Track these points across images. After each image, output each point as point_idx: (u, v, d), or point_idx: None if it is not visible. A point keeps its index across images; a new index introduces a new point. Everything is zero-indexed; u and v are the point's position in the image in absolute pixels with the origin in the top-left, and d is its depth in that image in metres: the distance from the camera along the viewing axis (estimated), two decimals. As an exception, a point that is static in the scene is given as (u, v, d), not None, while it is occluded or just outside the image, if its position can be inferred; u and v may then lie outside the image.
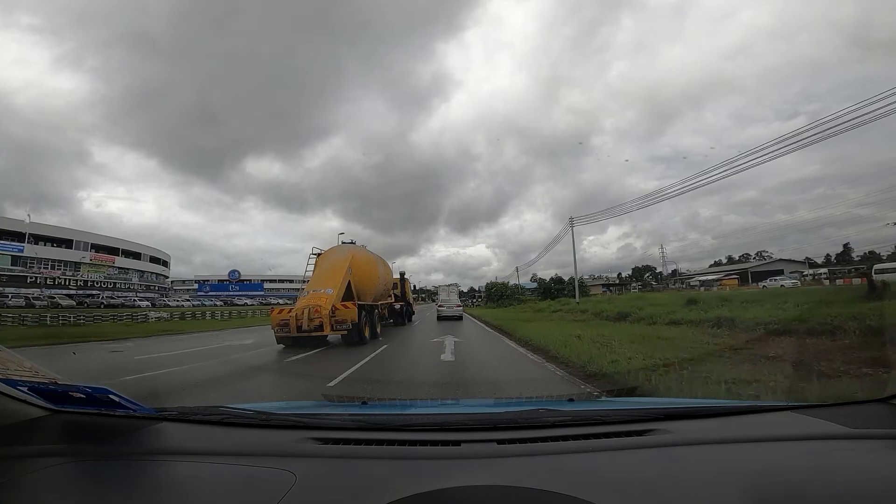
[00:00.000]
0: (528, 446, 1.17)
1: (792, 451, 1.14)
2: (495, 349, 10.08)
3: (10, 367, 1.33)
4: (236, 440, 1.27)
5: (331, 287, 11.05)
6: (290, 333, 10.07)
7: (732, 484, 0.94)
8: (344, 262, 12.11)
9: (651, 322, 13.07)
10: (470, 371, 6.66)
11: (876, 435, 1.18)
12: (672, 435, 1.24)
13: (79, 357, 9.76)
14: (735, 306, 12.48)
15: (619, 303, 21.33)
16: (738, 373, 5.01)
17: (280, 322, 10.23)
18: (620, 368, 5.76)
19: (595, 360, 6.44)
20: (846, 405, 1.45)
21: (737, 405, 1.56)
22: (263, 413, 1.47)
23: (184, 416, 1.39)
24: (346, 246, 13.95)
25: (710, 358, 6.38)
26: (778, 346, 7.10)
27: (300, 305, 10.48)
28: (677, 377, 4.88)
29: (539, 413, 1.45)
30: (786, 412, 1.43)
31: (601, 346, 7.92)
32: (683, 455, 1.13)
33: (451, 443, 1.20)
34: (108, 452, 1.15)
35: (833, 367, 5.09)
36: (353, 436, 1.27)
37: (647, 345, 7.96)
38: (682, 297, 20.76)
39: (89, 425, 1.21)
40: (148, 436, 1.24)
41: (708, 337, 8.83)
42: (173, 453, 1.18)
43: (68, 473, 1.04)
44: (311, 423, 1.38)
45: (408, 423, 1.46)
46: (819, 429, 1.26)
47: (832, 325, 7.60)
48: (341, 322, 10.24)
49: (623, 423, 1.35)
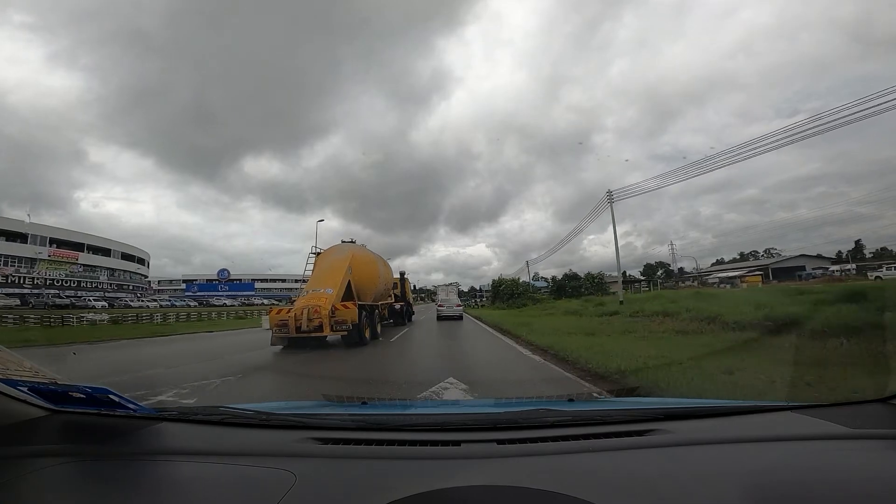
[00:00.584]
0: (528, 446, 1.17)
1: (792, 451, 1.14)
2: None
3: (11, 367, 1.33)
4: (236, 440, 1.27)
5: (330, 287, 10.80)
6: (288, 334, 9.84)
7: (732, 484, 0.94)
8: (344, 262, 11.83)
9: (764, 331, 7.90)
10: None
11: (876, 435, 1.18)
12: (672, 435, 1.24)
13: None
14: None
15: (663, 302, 15.39)
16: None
17: (278, 322, 9.99)
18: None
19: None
20: (846, 405, 1.45)
21: (737, 405, 1.56)
22: (263, 413, 1.47)
23: (184, 416, 1.40)
24: (345, 245, 13.66)
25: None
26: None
27: (299, 305, 10.24)
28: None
29: (539, 413, 1.45)
30: (786, 412, 1.43)
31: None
32: (684, 455, 1.14)
33: (451, 443, 1.20)
34: (108, 452, 1.15)
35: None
36: (353, 436, 1.27)
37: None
38: (729, 295, 17.68)
39: (89, 425, 1.22)
40: (148, 436, 1.24)
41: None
42: (173, 453, 1.18)
43: (68, 473, 1.04)
44: (311, 423, 1.38)
45: (408, 423, 1.46)
46: (819, 429, 1.26)
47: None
48: (341, 322, 10.02)
49: (623, 424, 1.35)
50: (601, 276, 46.61)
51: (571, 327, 13.39)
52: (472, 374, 6.25)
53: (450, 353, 9.10)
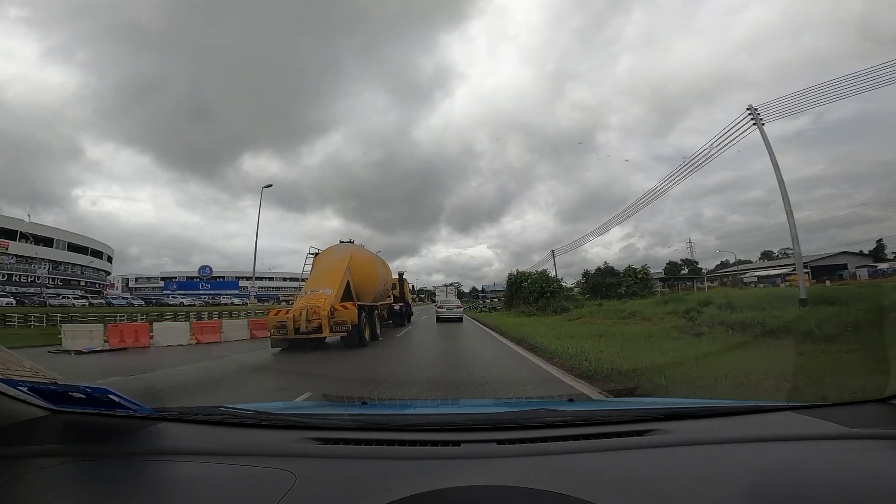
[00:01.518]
0: (528, 446, 1.17)
1: (792, 451, 1.14)
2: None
3: (11, 367, 1.33)
4: (236, 440, 1.27)
5: (329, 287, 10.71)
6: (287, 335, 9.78)
7: (732, 484, 0.94)
8: (343, 262, 11.74)
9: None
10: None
11: (876, 435, 1.18)
12: (672, 435, 1.24)
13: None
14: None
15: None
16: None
17: (277, 324, 9.96)
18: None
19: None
20: (846, 405, 1.45)
21: (737, 405, 1.56)
22: (263, 413, 1.47)
23: (184, 417, 1.40)
24: (344, 245, 13.60)
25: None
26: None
27: (298, 306, 10.19)
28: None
29: (539, 413, 1.45)
30: (786, 412, 1.43)
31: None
32: (684, 455, 1.14)
33: (451, 443, 1.20)
34: (108, 452, 1.15)
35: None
36: (352, 436, 1.27)
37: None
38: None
39: (89, 425, 1.22)
40: (148, 436, 1.24)
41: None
42: (173, 453, 1.17)
43: (68, 473, 1.04)
44: (311, 423, 1.38)
45: (408, 423, 1.46)
46: (819, 429, 1.26)
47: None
48: (341, 323, 9.95)
49: (623, 424, 1.35)
50: (646, 271, 36.96)
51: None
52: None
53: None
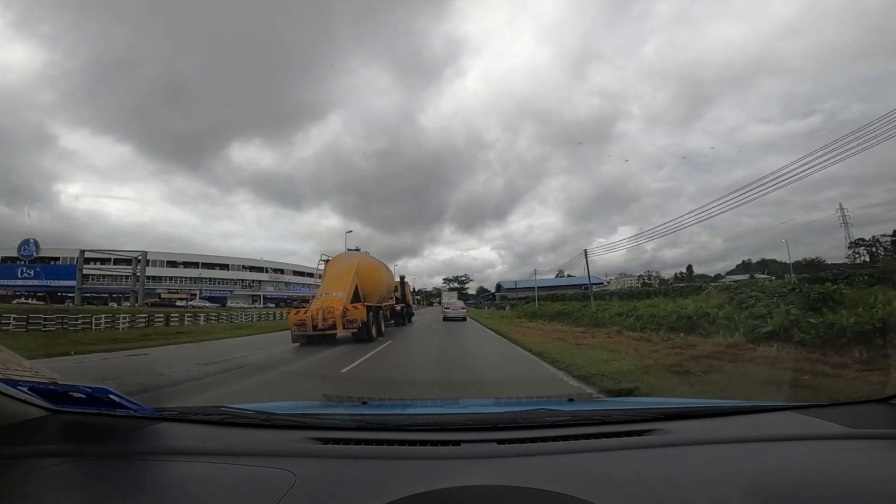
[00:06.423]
0: (528, 446, 1.17)
1: (792, 451, 1.14)
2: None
3: (10, 367, 1.33)
4: (236, 440, 1.27)
5: (340, 290, 12.42)
6: (306, 332, 11.31)
7: (732, 484, 0.94)
8: (351, 267, 13.52)
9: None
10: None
11: (876, 435, 1.19)
12: (672, 435, 1.24)
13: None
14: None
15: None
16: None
17: (297, 322, 11.53)
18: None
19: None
20: (846, 405, 1.45)
21: (737, 405, 1.57)
22: (264, 413, 1.47)
23: (184, 416, 1.40)
24: (352, 252, 15.71)
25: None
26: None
27: (315, 307, 11.80)
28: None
29: (539, 413, 1.45)
30: (786, 412, 1.43)
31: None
32: (683, 455, 1.14)
33: (451, 443, 1.20)
34: (108, 452, 1.15)
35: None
36: (353, 436, 1.27)
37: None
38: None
39: (89, 425, 1.22)
40: (148, 436, 1.24)
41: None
42: (173, 453, 1.18)
43: (68, 473, 1.04)
44: (311, 423, 1.38)
45: (408, 423, 1.46)
46: (819, 429, 1.26)
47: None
48: (352, 321, 11.54)
49: (623, 424, 1.35)
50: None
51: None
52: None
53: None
